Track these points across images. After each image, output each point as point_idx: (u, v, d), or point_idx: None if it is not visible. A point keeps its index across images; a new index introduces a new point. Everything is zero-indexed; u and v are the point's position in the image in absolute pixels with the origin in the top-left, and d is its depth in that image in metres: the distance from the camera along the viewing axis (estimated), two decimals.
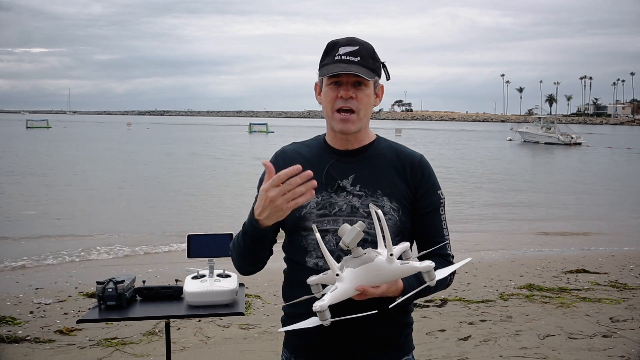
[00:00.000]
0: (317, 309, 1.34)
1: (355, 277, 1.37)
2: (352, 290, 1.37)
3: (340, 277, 1.38)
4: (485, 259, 7.61)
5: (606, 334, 4.54)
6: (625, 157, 33.42)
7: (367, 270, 1.37)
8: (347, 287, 1.37)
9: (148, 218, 11.13)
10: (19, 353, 4.14)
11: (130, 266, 7.31)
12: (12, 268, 7.23)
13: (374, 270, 1.37)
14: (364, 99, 1.59)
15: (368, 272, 1.37)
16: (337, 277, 1.38)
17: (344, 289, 1.37)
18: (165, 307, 2.65)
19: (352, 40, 1.61)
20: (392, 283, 1.43)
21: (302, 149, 1.71)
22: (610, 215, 12.41)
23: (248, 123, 66.73)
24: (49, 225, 10.25)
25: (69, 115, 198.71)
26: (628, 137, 63.83)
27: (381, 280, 1.39)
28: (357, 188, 1.60)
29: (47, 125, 66.29)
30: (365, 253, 1.38)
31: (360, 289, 1.36)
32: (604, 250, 8.34)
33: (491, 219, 11.66)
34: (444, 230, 1.67)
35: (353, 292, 1.37)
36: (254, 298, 5.51)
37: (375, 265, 1.37)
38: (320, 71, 1.62)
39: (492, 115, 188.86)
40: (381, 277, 1.38)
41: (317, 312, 1.35)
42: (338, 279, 1.38)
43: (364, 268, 1.37)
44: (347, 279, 1.37)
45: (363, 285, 1.36)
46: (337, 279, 1.38)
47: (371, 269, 1.37)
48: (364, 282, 1.37)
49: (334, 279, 1.39)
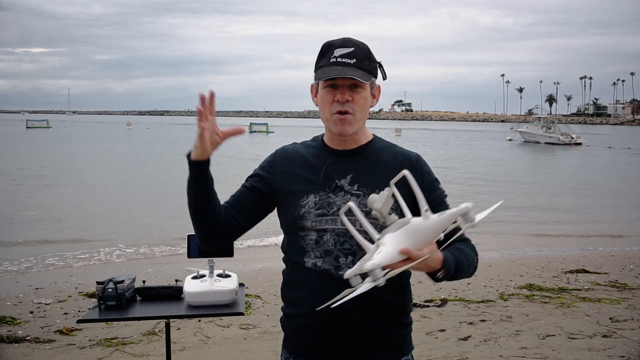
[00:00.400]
0: (368, 267, 1.28)
1: (397, 241, 1.32)
2: (396, 254, 1.31)
3: (382, 241, 1.33)
4: (485, 259, 7.60)
5: (606, 334, 4.54)
6: (625, 157, 33.41)
7: (407, 232, 1.33)
8: (391, 250, 1.31)
9: (148, 218, 11.13)
10: (19, 353, 4.14)
11: (130, 266, 7.32)
12: (12, 268, 7.23)
13: (414, 230, 1.33)
14: (361, 101, 1.60)
15: (409, 234, 1.33)
16: (378, 240, 1.33)
17: (389, 252, 1.30)
18: (165, 307, 2.65)
19: (347, 41, 1.60)
20: (433, 250, 1.39)
21: (302, 149, 1.72)
22: (610, 215, 12.40)
23: (248, 123, 66.67)
24: (49, 225, 10.24)
25: (68, 115, 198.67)
26: (628, 137, 63.82)
27: (424, 239, 1.34)
28: (355, 187, 1.61)
29: (47, 125, 66.31)
30: (399, 218, 1.35)
31: (405, 251, 1.31)
32: (604, 250, 8.35)
33: (491, 219, 11.66)
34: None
35: (398, 256, 1.31)
36: (254, 298, 5.51)
37: (413, 225, 1.33)
38: (315, 74, 1.62)
39: (492, 115, 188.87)
40: (423, 236, 1.33)
41: (370, 272, 1.29)
42: (380, 242, 1.33)
43: (404, 230, 1.33)
44: (389, 243, 1.32)
45: (407, 248, 1.31)
46: (379, 242, 1.33)
47: (411, 230, 1.33)
48: (408, 245, 1.32)
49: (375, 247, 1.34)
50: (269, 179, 1.68)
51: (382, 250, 1.31)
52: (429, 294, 5.62)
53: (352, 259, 1.57)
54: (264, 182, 1.68)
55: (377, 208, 1.34)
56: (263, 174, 1.69)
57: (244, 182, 1.72)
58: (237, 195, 1.70)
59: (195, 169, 1.55)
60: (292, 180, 1.65)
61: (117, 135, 52.26)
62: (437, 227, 1.34)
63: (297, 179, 1.65)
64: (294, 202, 1.63)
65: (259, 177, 1.70)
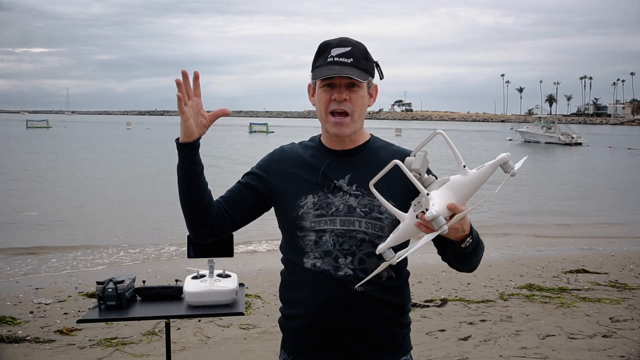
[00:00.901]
0: (432, 213, 1.28)
1: (445, 195, 1.34)
2: (446, 208, 1.33)
3: (431, 196, 1.34)
4: (485, 259, 7.58)
5: (606, 334, 4.54)
6: (625, 157, 33.41)
7: (449, 188, 1.35)
8: (443, 203, 1.33)
9: (148, 218, 11.13)
10: (19, 353, 4.14)
11: (130, 266, 7.32)
12: (12, 268, 7.22)
13: (456, 186, 1.35)
14: (358, 101, 1.59)
15: (452, 190, 1.35)
16: (427, 196, 1.34)
17: (442, 204, 1.33)
18: (165, 307, 2.65)
19: (345, 41, 1.60)
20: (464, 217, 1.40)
21: (300, 149, 1.72)
22: (610, 215, 12.40)
23: (248, 123, 66.70)
24: (49, 225, 10.24)
25: (67, 115, 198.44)
26: (628, 137, 63.80)
27: (466, 194, 1.35)
28: (353, 188, 1.60)
29: (47, 125, 66.36)
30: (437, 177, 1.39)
31: (452, 207, 1.33)
32: (604, 250, 8.34)
33: (492, 219, 11.65)
34: None
35: (447, 211, 1.33)
36: (254, 298, 5.51)
37: (454, 181, 1.35)
38: (313, 73, 1.61)
39: (492, 115, 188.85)
40: (465, 190, 1.35)
41: (432, 220, 1.29)
42: (430, 198, 1.34)
43: (446, 187, 1.35)
44: (438, 197, 1.34)
45: (454, 203, 1.33)
46: (429, 197, 1.34)
47: (453, 186, 1.35)
48: (453, 200, 1.34)
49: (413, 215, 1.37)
50: (265, 177, 1.68)
51: (434, 203, 1.33)
52: (429, 294, 5.62)
53: (352, 260, 1.57)
54: (260, 180, 1.68)
55: (416, 168, 1.36)
56: (260, 173, 1.69)
57: (239, 179, 1.72)
58: (232, 190, 1.70)
59: (182, 151, 1.56)
60: (290, 181, 1.65)
61: (117, 135, 52.26)
62: (477, 181, 1.36)
63: (295, 180, 1.65)
64: (292, 202, 1.62)
65: (255, 175, 1.70)
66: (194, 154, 1.57)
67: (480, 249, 1.55)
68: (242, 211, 1.68)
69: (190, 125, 1.53)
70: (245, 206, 1.68)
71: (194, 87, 1.53)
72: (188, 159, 1.57)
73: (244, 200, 1.68)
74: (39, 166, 21.40)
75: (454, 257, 1.57)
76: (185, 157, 1.56)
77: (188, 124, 1.53)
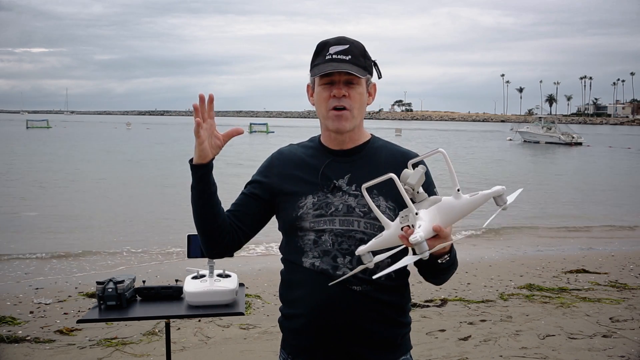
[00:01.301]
0: (416, 239, 1.26)
1: (433, 216, 1.33)
2: (431, 229, 1.32)
3: (419, 216, 1.32)
4: (485, 259, 7.60)
5: (606, 334, 4.54)
6: (626, 156, 33.40)
7: (438, 209, 1.34)
8: (429, 225, 1.31)
9: (148, 218, 11.13)
10: (19, 353, 4.14)
11: (130, 266, 7.32)
12: (12, 268, 7.22)
13: (446, 208, 1.33)
14: (357, 97, 1.60)
15: (441, 211, 1.33)
16: (416, 215, 1.33)
17: (428, 226, 1.31)
18: (165, 307, 2.65)
19: (342, 39, 1.61)
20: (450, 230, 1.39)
21: (299, 150, 1.72)
22: (611, 215, 12.39)
23: (248, 123, 66.68)
24: (49, 225, 10.23)
25: (66, 115, 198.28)
26: (628, 137, 63.80)
27: (454, 218, 1.34)
28: (352, 188, 1.60)
29: (47, 125, 66.33)
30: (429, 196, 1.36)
31: (437, 229, 1.31)
32: (604, 250, 8.34)
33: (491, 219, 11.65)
34: None
35: (432, 232, 1.32)
36: (254, 298, 5.51)
37: (445, 203, 1.34)
38: (312, 71, 1.62)
39: (492, 115, 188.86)
40: (453, 214, 1.33)
41: (416, 246, 1.28)
42: (417, 217, 1.32)
43: (436, 208, 1.34)
44: (426, 218, 1.32)
45: (439, 225, 1.31)
46: (417, 217, 1.32)
47: (443, 208, 1.33)
48: (440, 222, 1.32)
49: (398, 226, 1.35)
50: (267, 182, 1.68)
51: (421, 224, 1.31)
52: (429, 294, 5.62)
53: (350, 259, 1.57)
54: (263, 187, 1.69)
55: (411, 184, 1.35)
56: (261, 179, 1.70)
57: (243, 190, 1.73)
58: (238, 203, 1.71)
59: (197, 173, 1.57)
60: (290, 182, 1.65)
61: (116, 135, 52.25)
62: (468, 208, 1.34)
63: (295, 180, 1.65)
64: (292, 203, 1.63)
65: (257, 182, 1.70)
66: (208, 175, 1.58)
67: (454, 266, 1.58)
68: (251, 222, 1.69)
69: (205, 148, 1.54)
70: (252, 217, 1.69)
71: (208, 109, 1.54)
72: (202, 180, 1.58)
73: (251, 210, 1.68)
74: (39, 166, 21.40)
75: (427, 270, 1.58)
76: (200, 178, 1.57)
77: (203, 147, 1.54)
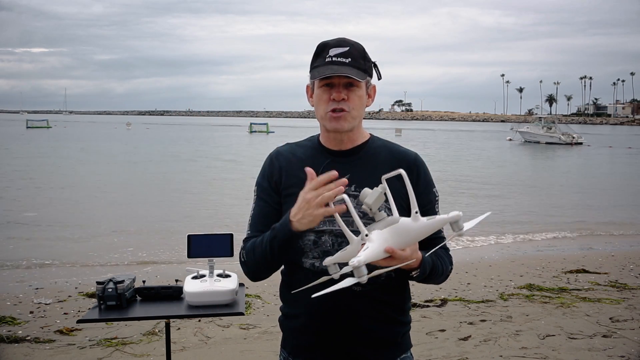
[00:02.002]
0: (354, 264, 1.29)
1: (383, 239, 1.33)
2: (381, 251, 1.33)
3: (370, 238, 1.34)
4: (485, 258, 7.61)
5: (606, 334, 4.54)
6: (626, 156, 33.40)
7: (394, 231, 1.34)
8: (377, 248, 1.32)
9: (148, 218, 11.13)
10: (19, 353, 4.14)
11: (130, 266, 7.32)
12: (12, 268, 7.23)
13: (401, 230, 1.34)
14: (356, 100, 1.59)
15: (396, 233, 1.34)
16: (366, 237, 1.34)
17: (375, 249, 1.32)
18: (165, 307, 2.64)
19: (342, 41, 1.60)
20: (414, 249, 1.41)
21: (297, 150, 1.71)
22: (611, 215, 12.39)
23: (248, 123, 66.70)
24: (49, 226, 10.24)
25: (65, 115, 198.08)
26: (628, 137, 63.80)
27: (410, 240, 1.36)
28: (352, 188, 1.60)
29: (47, 125, 66.36)
30: (389, 216, 1.36)
31: (390, 250, 1.33)
32: (604, 250, 8.35)
33: (492, 218, 11.66)
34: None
35: (382, 254, 1.33)
36: (254, 298, 5.51)
37: (401, 225, 1.34)
38: (311, 73, 1.61)
39: (492, 115, 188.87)
40: (409, 236, 1.35)
41: (354, 269, 1.30)
42: (367, 239, 1.34)
43: (391, 229, 1.35)
44: (376, 240, 1.33)
45: (392, 247, 1.33)
46: (367, 239, 1.34)
47: (398, 229, 1.34)
48: (393, 244, 1.34)
49: (359, 243, 1.35)
50: (272, 185, 1.67)
51: (368, 247, 1.33)
52: (429, 294, 5.62)
53: None
54: (271, 190, 1.67)
55: (368, 203, 1.36)
56: (266, 183, 1.68)
57: (257, 200, 1.69)
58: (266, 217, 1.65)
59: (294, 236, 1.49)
60: (290, 182, 1.65)
61: (116, 135, 52.25)
62: (424, 231, 1.36)
63: (295, 181, 1.64)
64: (292, 204, 1.62)
65: (265, 188, 1.68)
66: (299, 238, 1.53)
67: (436, 275, 1.60)
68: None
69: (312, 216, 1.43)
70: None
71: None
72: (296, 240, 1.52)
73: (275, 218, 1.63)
74: (39, 166, 21.40)
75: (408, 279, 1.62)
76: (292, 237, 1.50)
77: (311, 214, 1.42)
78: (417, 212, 1.35)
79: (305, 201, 1.42)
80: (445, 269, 1.63)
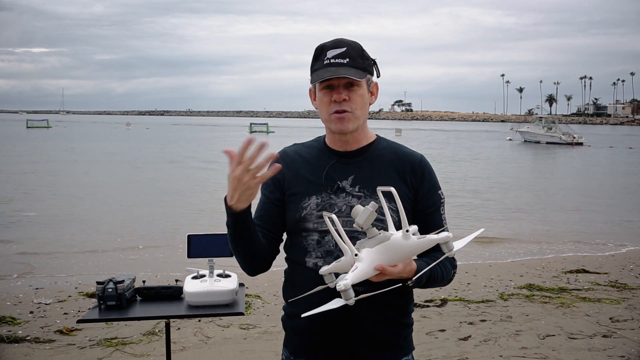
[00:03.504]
0: (341, 287, 1.32)
1: (373, 257, 1.36)
2: (371, 270, 1.35)
3: (359, 257, 1.36)
4: (485, 258, 7.60)
5: (606, 334, 4.54)
6: (627, 156, 33.39)
7: (384, 248, 1.36)
8: (366, 267, 1.35)
9: (148, 218, 11.12)
10: (19, 353, 4.14)
11: (130, 266, 7.32)
12: (12, 268, 7.22)
13: (392, 248, 1.36)
14: (358, 100, 1.60)
15: (386, 251, 1.36)
16: (355, 257, 1.36)
17: (364, 269, 1.35)
18: (165, 307, 2.64)
19: (339, 42, 1.61)
20: (407, 263, 1.42)
21: (303, 150, 1.72)
22: (611, 215, 12.38)
23: (248, 123, 66.70)
24: (49, 226, 10.24)
25: (62, 115, 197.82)
26: (628, 137, 63.79)
27: (400, 258, 1.37)
28: (356, 189, 1.60)
29: (48, 125, 66.40)
30: (380, 233, 1.38)
31: (380, 268, 1.35)
32: (604, 250, 8.34)
33: (491, 219, 11.66)
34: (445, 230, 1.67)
35: (372, 272, 1.36)
36: (254, 298, 5.51)
37: (392, 243, 1.36)
38: (311, 77, 1.63)
39: (492, 115, 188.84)
40: (399, 254, 1.37)
41: (341, 292, 1.33)
42: (357, 259, 1.36)
43: (382, 247, 1.36)
44: (366, 258, 1.36)
45: (382, 264, 1.35)
46: (356, 259, 1.36)
47: (389, 247, 1.36)
48: (383, 261, 1.36)
49: (352, 260, 1.38)
50: (277, 183, 1.67)
51: (357, 267, 1.35)
52: (429, 294, 5.62)
53: None
54: (276, 186, 1.68)
55: (359, 223, 1.37)
56: (272, 179, 1.65)
57: (260, 197, 1.69)
58: (262, 211, 1.68)
59: (234, 218, 1.51)
60: (295, 182, 1.65)
61: (116, 135, 52.24)
62: (414, 249, 1.38)
63: (300, 181, 1.65)
64: (296, 204, 1.63)
65: (271, 182, 1.67)
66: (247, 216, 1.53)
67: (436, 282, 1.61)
68: (280, 225, 1.68)
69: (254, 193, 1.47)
70: (279, 219, 1.68)
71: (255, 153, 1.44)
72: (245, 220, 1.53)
73: (276, 214, 1.67)
74: (38, 166, 21.40)
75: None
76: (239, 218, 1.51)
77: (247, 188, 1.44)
78: (408, 231, 1.36)
79: (237, 180, 1.42)
80: (447, 274, 1.63)
